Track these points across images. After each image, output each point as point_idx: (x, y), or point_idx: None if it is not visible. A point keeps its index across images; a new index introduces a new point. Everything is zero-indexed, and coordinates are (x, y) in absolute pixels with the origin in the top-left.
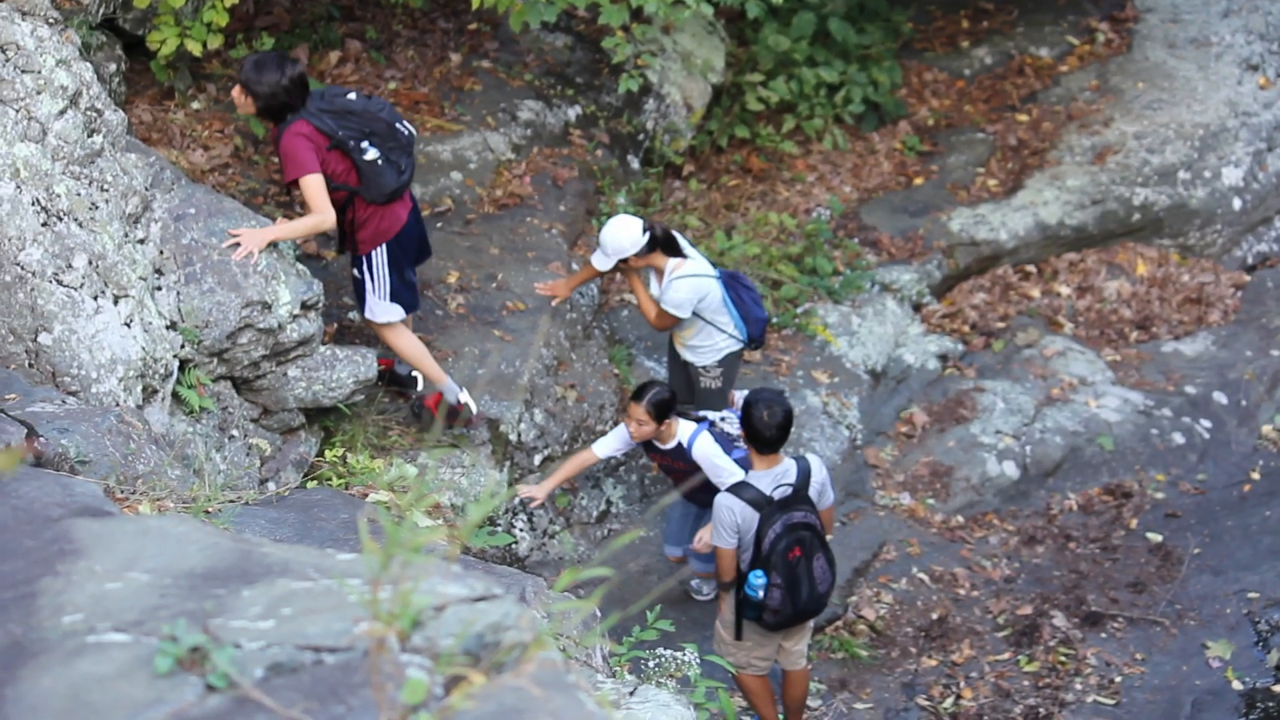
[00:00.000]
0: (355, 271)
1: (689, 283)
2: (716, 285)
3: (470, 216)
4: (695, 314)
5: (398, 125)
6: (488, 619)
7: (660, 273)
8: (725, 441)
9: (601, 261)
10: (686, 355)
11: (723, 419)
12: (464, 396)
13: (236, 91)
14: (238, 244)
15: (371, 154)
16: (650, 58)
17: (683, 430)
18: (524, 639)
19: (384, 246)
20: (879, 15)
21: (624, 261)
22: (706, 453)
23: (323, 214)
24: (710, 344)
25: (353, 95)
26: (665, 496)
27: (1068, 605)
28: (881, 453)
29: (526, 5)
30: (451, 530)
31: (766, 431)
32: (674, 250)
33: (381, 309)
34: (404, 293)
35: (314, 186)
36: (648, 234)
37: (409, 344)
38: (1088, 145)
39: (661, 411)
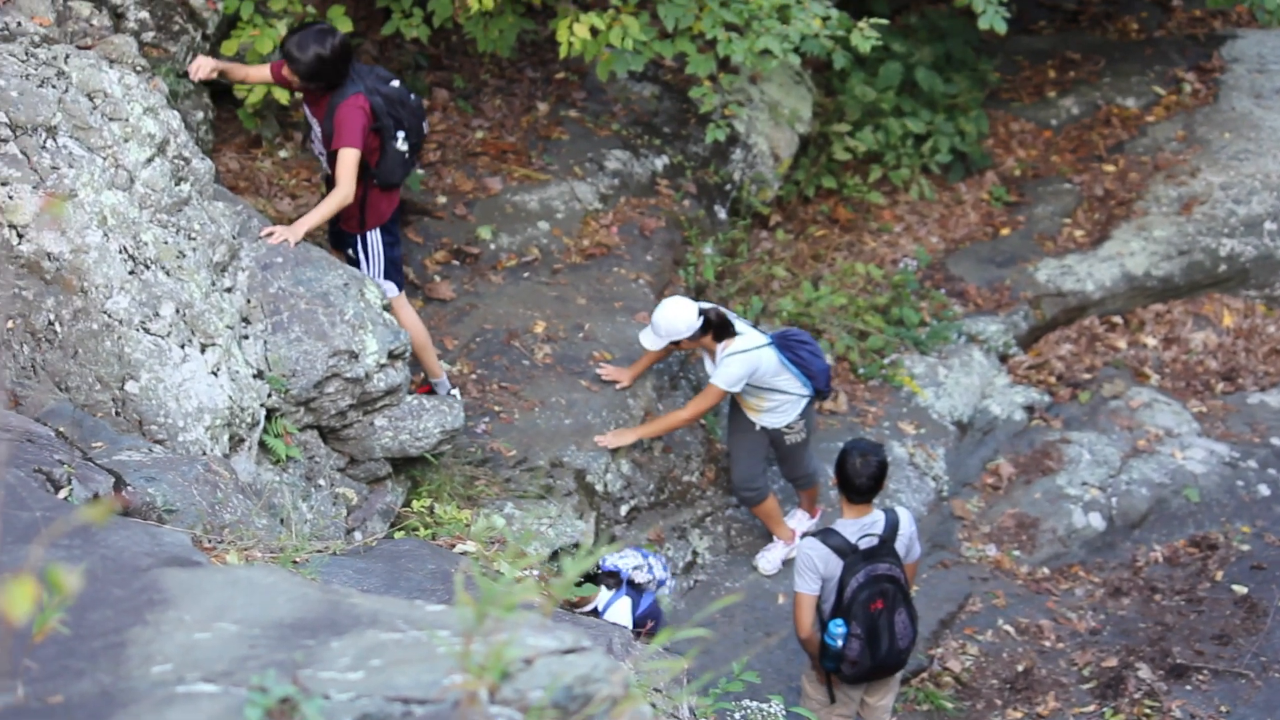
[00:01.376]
0: (350, 252)
1: (741, 359)
2: (770, 352)
3: (557, 266)
4: (753, 385)
5: (424, 125)
6: (576, 671)
7: (712, 352)
8: (637, 594)
9: (652, 341)
10: (764, 422)
11: (636, 568)
12: (455, 393)
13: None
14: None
15: (403, 145)
16: (737, 107)
17: (600, 598)
18: (615, 693)
19: (378, 229)
20: (966, 65)
21: (675, 344)
22: (616, 619)
23: (348, 189)
24: (782, 404)
25: (396, 83)
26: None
27: (1153, 657)
28: (968, 504)
29: (614, 54)
30: (543, 584)
31: (858, 480)
32: (726, 333)
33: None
34: (394, 273)
35: (351, 161)
36: (701, 317)
37: (413, 320)
38: (1174, 196)
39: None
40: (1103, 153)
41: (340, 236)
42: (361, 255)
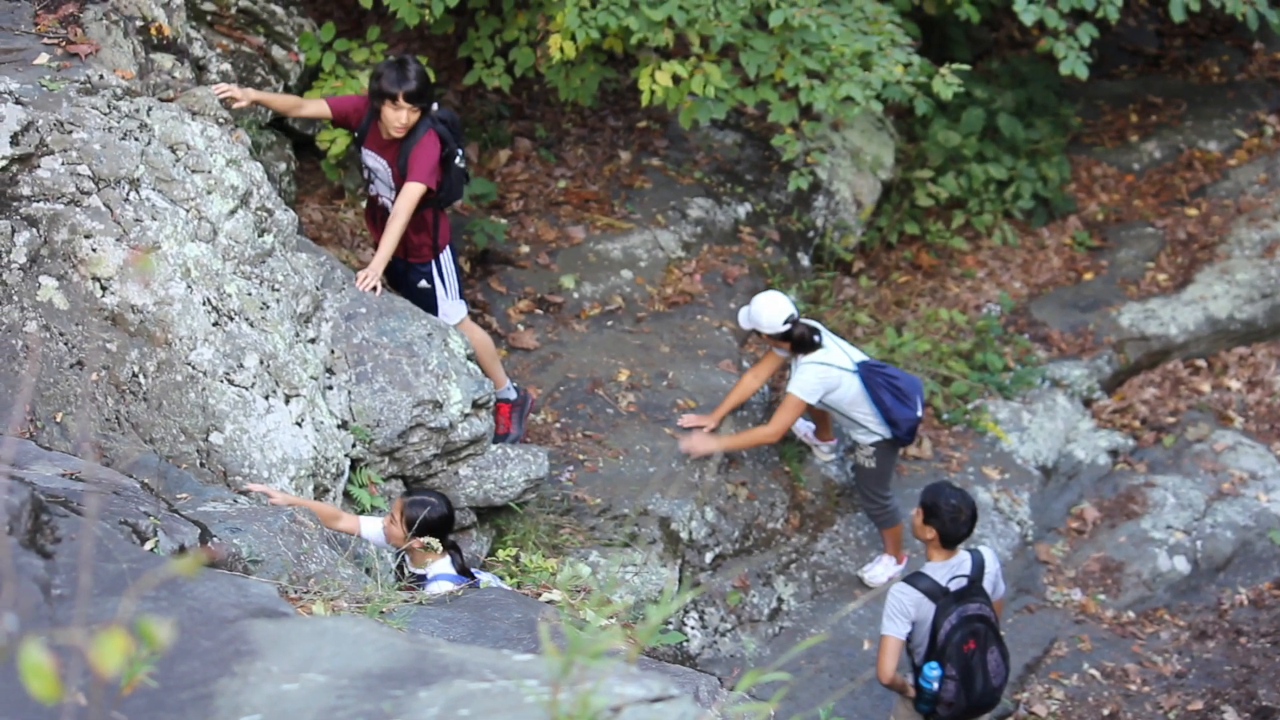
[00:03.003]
0: (422, 282)
1: (816, 369)
2: (853, 379)
3: (641, 314)
4: (829, 405)
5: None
6: (665, 719)
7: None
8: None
9: (744, 320)
10: (853, 435)
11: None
12: (520, 391)
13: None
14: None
15: (461, 163)
16: (820, 154)
17: (434, 568)
18: None
19: (449, 247)
20: (1048, 110)
21: (757, 334)
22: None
23: (406, 219)
24: (859, 428)
25: (435, 106)
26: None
27: (1239, 700)
28: (1052, 548)
29: (696, 103)
30: (628, 631)
31: (962, 529)
32: (804, 349)
33: (454, 309)
34: (462, 289)
35: (417, 195)
36: (788, 325)
37: (482, 337)
38: (1257, 239)
39: (412, 525)
40: (1185, 196)
41: (402, 275)
42: (438, 279)
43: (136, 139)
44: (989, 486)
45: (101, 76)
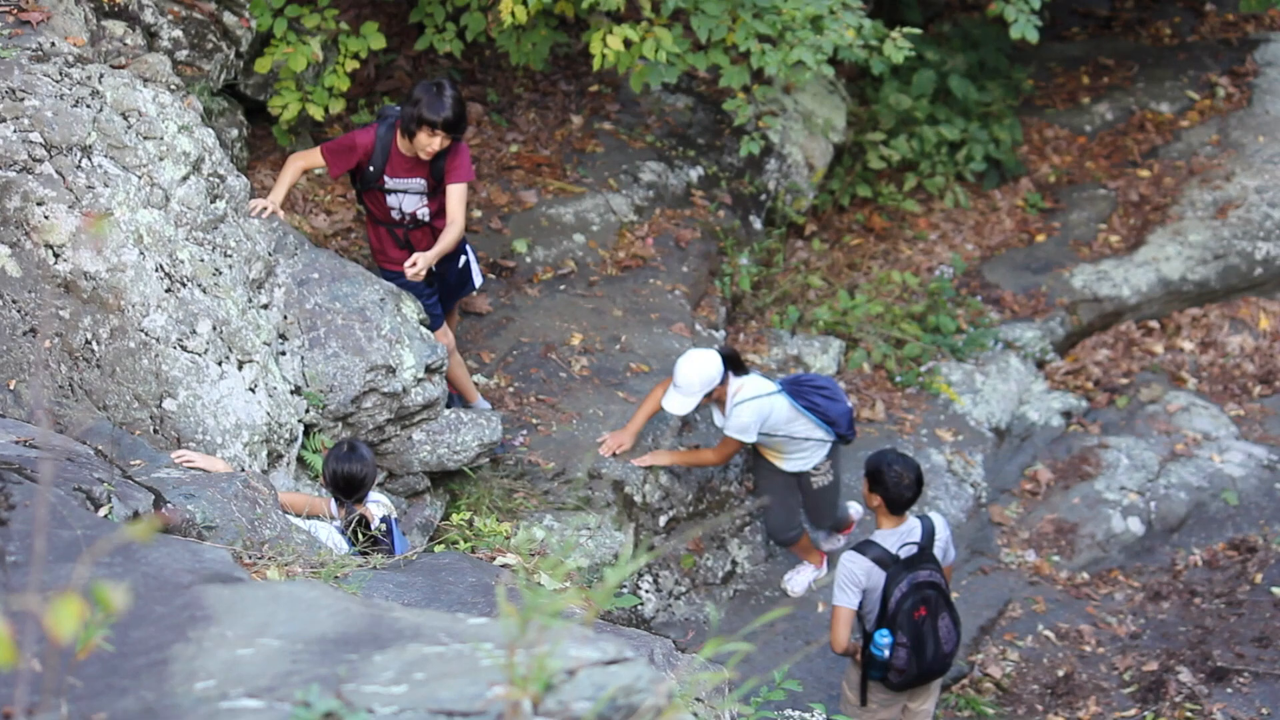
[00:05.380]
0: (456, 264)
1: (750, 407)
2: (781, 400)
3: (593, 278)
4: (766, 434)
5: None
6: (619, 682)
7: (722, 402)
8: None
9: (683, 404)
10: (789, 466)
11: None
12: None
13: (431, 134)
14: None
15: None
16: (771, 118)
17: (375, 509)
18: (658, 703)
19: None
20: (999, 73)
21: (708, 397)
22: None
23: (464, 221)
24: (802, 448)
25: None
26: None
27: (1193, 661)
28: (1006, 510)
29: (647, 67)
30: (585, 594)
31: (906, 493)
32: (741, 367)
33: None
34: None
35: (465, 194)
36: (723, 368)
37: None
38: (1209, 200)
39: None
40: (1137, 158)
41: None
42: (472, 258)
43: (88, 106)
44: (942, 449)
45: (53, 44)
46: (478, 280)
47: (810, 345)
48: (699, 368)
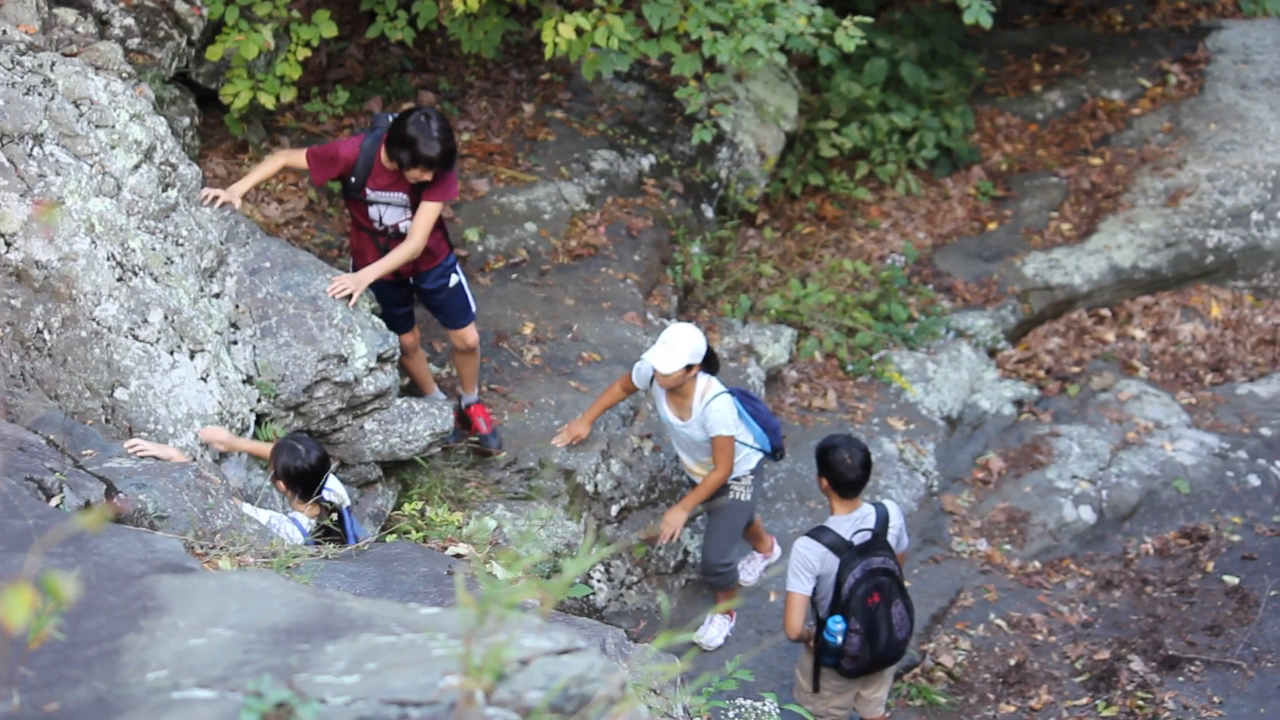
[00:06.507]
0: (452, 279)
1: (725, 400)
2: (732, 399)
3: (545, 267)
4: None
5: None
6: (572, 672)
7: (683, 396)
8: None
9: (667, 362)
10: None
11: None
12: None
13: (422, 171)
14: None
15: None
16: (723, 106)
17: (297, 514)
18: (611, 693)
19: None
20: (951, 60)
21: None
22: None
23: (421, 241)
24: (738, 454)
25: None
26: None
27: (1145, 649)
28: (958, 499)
29: (599, 54)
30: (540, 585)
31: (851, 474)
32: (714, 366)
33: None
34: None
35: (436, 216)
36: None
37: (475, 340)
38: (1161, 188)
39: (280, 471)
40: (1089, 146)
41: (415, 289)
42: (462, 277)
43: (40, 94)
44: (894, 437)
45: (4, 32)
46: (473, 304)
47: (762, 334)
48: (690, 337)
